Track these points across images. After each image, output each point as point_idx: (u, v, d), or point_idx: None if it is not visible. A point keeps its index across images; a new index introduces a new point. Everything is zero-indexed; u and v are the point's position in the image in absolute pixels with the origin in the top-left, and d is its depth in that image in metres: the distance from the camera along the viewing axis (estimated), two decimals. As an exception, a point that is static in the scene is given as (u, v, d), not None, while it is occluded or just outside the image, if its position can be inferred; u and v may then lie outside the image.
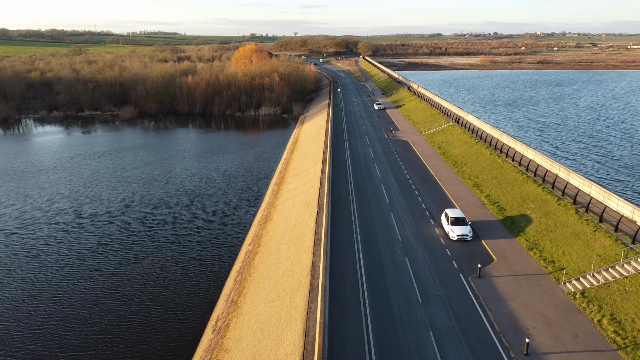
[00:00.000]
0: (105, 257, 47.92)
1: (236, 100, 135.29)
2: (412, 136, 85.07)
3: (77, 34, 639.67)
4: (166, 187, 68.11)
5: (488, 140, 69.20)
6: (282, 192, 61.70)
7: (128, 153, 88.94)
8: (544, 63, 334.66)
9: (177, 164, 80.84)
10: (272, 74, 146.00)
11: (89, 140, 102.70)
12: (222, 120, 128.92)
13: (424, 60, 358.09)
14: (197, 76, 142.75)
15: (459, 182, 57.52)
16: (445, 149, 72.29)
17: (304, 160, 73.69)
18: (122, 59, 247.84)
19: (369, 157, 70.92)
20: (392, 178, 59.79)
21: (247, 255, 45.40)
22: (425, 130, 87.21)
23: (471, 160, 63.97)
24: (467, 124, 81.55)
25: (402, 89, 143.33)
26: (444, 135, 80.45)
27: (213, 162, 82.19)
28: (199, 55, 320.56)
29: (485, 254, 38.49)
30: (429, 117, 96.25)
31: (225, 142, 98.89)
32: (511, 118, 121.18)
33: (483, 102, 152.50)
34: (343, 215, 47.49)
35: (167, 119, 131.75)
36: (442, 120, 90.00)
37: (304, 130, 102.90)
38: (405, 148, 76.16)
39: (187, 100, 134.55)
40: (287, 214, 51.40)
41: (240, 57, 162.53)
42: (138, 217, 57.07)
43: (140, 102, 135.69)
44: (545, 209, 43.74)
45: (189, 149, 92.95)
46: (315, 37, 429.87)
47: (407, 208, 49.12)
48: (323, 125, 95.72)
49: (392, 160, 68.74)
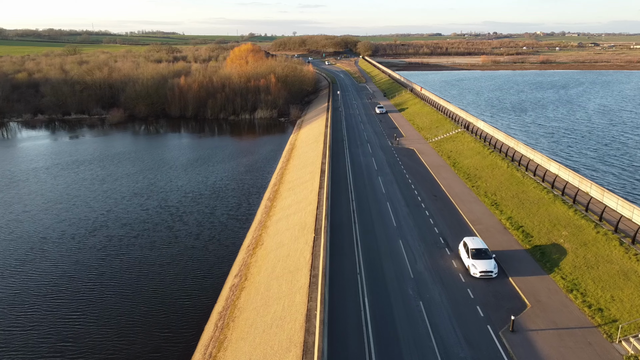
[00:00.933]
0: (67, 293, 41.40)
1: (230, 103, 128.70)
2: (417, 144, 78.63)
3: (74, 33, 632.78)
4: (147, 203, 61.45)
5: (503, 151, 62.73)
6: (275, 210, 55.22)
7: (110, 162, 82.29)
8: (547, 63, 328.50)
9: (162, 175, 74.25)
10: (269, 75, 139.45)
11: (70, 146, 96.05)
12: (216, 124, 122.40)
13: (425, 60, 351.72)
14: (190, 78, 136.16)
15: (474, 199, 51.08)
16: (456, 160, 65.83)
17: (300, 172, 67.23)
18: (115, 59, 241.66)
19: (371, 168, 64.47)
20: (398, 194, 53.34)
21: (232, 291, 38.91)
22: (432, 137, 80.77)
23: (486, 173, 57.52)
24: (477, 130, 75.11)
25: (404, 90, 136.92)
26: (453, 143, 74.00)
27: (202, 173, 75.62)
28: (196, 55, 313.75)
29: (516, 296, 32.07)
30: (435, 123, 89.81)
31: (216, 149, 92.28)
32: (520, 123, 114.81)
33: (489, 105, 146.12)
34: (344, 242, 41.06)
35: (157, 123, 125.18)
36: (449, 126, 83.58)
37: (301, 136, 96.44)
38: (411, 158, 69.72)
39: (178, 103, 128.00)
40: (279, 239, 44.93)
41: (235, 57, 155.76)
42: (111, 241, 50.40)
43: (130, 105, 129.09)
44: (581, 238, 37.31)
45: (177, 158, 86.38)
46: (314, 37, 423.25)
47: (417, 233, 42.67)
48: (321, 130, 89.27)
49: (398, 172, 62.30)
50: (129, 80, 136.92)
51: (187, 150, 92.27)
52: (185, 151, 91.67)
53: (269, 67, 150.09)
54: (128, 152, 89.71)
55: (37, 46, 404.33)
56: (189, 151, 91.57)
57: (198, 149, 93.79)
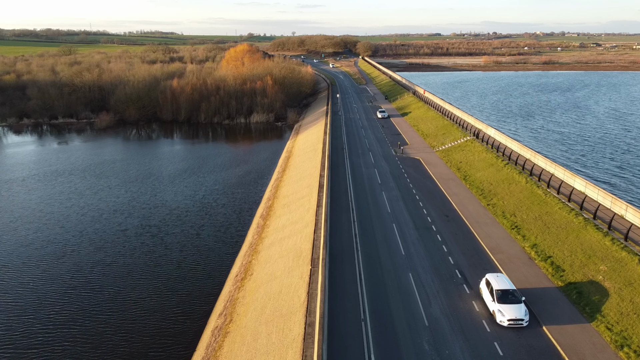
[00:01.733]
0: (18, 334, 35.76)
1: (225, 106, 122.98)
2: (423, 153, 73.03)
3: (72, 33, 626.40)
4: (126, 222, 55.62)
5: (520, 163, 57.11)
6: (268, 231, 49.60)
7: (93, 172, 76.45)
8: (550, 64, 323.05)
9: (147, 188, 68.49)
10: (265, 77, 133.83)
11: (53, 154, 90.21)
12: (210, 129, 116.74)
13: (426, 60, 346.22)
14: (183, 80, 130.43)
15: (491, 220, 45.49)
16: (467, 172, 60.23)
17: (297, 185, 61.64)
18: (110, 59, 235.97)
19: (374, 181, 58.86)
20: (405, 214, 47.75)
21: (214, 337, 33.29)
22: (439, 146, 75.17)
23: (502, 189, 51.93)
24: (488, 139, 69.49)
25: (406, 93, 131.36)
26: (462, 152, 68.40)
27: (190, 185, 69.91)
28: (193, 55, 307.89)
29: (554, 354, 26.49)
30: (442, 129, 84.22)
31: (208, 158, 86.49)
32: (528, 128, 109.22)
33: (495, 108, 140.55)
34: (345, 276, 35.50)
35: (148, 128, 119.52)
36: (457, 134, 78.00)
37: (298, 143, 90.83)
38: (417, 169, 64.13)
39: (171, 106, 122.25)
40: (271, 269, 39.33)
41: (231, 58, 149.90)
42: (80, 271, 44.42)
43: (120, 109, 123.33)
44: (624, 275, 31.77)
45: (165, 167, 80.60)
46: (313, 37, 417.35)
47: (430, 264, 37.09)
48: (320, 137, 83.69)
49: (403, 186, 56.73)
50: (120, 82, 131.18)
51: (177, 159, 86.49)
52: (174, 160, 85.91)
53: (265, 69, 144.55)
54: (113, 161, 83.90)
55: (34, 46, 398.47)
56: (178, 160, 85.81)
57: (188, 157, 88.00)
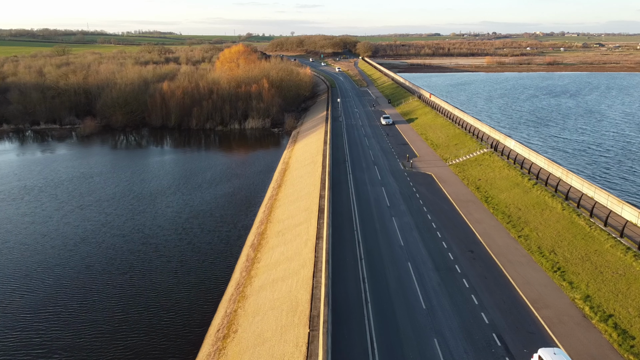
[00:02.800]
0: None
1: (218, 111, 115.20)
2: (435, 167, 65.42)
3: (69, 33, 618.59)
4: (91, 257, 46.94)
5: (551, 183, 49.46)
6: (259, 267, 41.94)
7: (65, 189, 68.26)
8: (554, 65, 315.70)
9: (124, 209, 60.58)
10: (261, 79, 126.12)
11: (25, 166, 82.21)
12: (202, 136, 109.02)
13: (427, 61, 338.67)
14: (174, 82, 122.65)
15: (525, 259, 37.86)
16: (488, 193, 52.61)
17: (293, 207, 54.01)
18: (103, 60, 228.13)
19: (383, 203, 51.25)
20: (422, 248, 40.15)
21: None
22: (452, 159, 67.53)
23: (533, 216, 44.29)
24: (509, 152, 61.76)
25: (411, 97, 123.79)
26: (479, 168, 60.79)
27: (173, 205, 62.05)
28: (189, 56, 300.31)
29: None
30: (453, 139, 76.61)
31: (196, 171, 78.59)
32: (543, 136, 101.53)
33: (505, 114, 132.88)
34: (352, 344, 27.90)
35: (136, 134, 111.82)
36: (471, 144, 70.40)
37: (296, 153, 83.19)
38: (430, 187, 56.53)
39: (160, 111, 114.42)
40: (260, 328, 31.68)
41: (225, 60, 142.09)
42: (35, 317, 36.86)
43: (106, 114, 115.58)
44: None
45: (148, 182, 72.62)
46: (312, 37, 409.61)
47: (459, 324, 29.51)
48: (320, 147, 76.13)
49: (416, 210, 49.15)
50: (107, 85, 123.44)
51: (162, 172, 78.55)
52: (159, 173, 77.99)
53: (262, 71, 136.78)
54: (91, 174, 76.01)
55: (30, 46, 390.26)
56: (163, 173, 77.89)
57: (175, 170, 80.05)
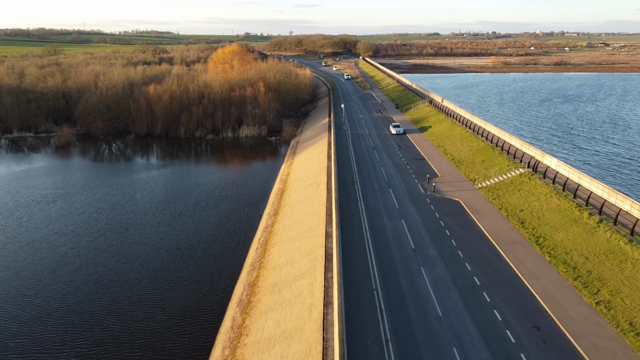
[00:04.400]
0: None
1: (209, 117, 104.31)
2: (462, 191, 54.75)
3: (65, 32, 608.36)
4: (35, 309, 36.95)
5: (621, 220, 38.68)
6: (245, 346, 31.18)
7: (17, 219, 57.16)
8: (561, 65, 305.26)
9: (82, 247, 49.46)
10: (257, 82, 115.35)
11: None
12: (191, 145, 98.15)
13: (430, 61, 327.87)
14: (161, 86, 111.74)
15: (616, 344, 27.22)
16: (537, 230, 41.88)
17: (292, 247, 43.32)
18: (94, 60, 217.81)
19: (406, 246, 40.56)
20: (469, 324, 29.45)
21: None
22: (481, 180, 56.84)
23: (610, 271, 33.57)
24: (556, 175, 50.92)
25: (421, 102, 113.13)
26: (518, 194, 50.07)
27: (147, 242, 51.06)
28: (184, 56, 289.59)
29: None
30: (478, 154, 65.90)
31: (178, 193, 67.12)
32: (574, 149, 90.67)
33: (522, 120, 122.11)
34: None
35: (118, 143, 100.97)
36: (502, 162, 59.69)
37: (295, 169, 72.44)
38: (461, 220, 45.85)
39: (145, 117, 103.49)
40: None
41: (219, 60, 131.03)
42: None
43: (86, 120, 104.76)
44: None
45: (118, 208, 61.38)
46: (312, 37, 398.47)
47: None
48: (323, 163, 65.54)
49: (450, 255, 38.51)
50: (87, 89, 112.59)
51: (138, 194, 66.83)
52: (134, 196, 66.44)
53: (258, 72, 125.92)
54: (54, 198, 64.66)
55: (24, 46, 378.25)
56: (139, 196, 66.26)
57: (153, 191, 68.31)
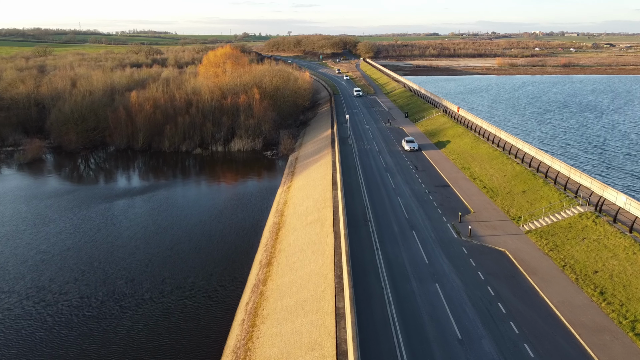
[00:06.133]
0: None
1: (197, 129, 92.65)
2: (505, 234, 43.18)
3: (61, 32, 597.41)
4: None
5: None
6: None
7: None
8: (570, 67, 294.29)
9: (9, 311, 38.45)
10: (252, 88, 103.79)
11: None
12: (176, 162, 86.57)
13: (434, 63, 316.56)
14: (144, 92, 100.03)
15: None
16: (631, 311, 30.38)
17: (289, 328, 31.76)
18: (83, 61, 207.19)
19: (449, 335, 29.05)
20: None
21: None
22: (527, 219, 45.24)
23: None
24: (632, 220, 39.40)
25: (433, 110, 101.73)
26: (585, 246, 38.47)
27: (84, 334, 39.86)
28: (178, 57, 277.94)
29: None
30: (516, 181, 54.28)
31: (150, 235, 54.64)
32: (617, 172, 79.01)
33: (546, 132, 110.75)
34: None
35: (93, 159, 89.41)
36: (549, 193, 48.16)
37: (294, 197, 60.81)
38: (515, 286, 34.30)
39: (125, 129, 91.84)
40: None
41: (210, 64, 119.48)
42: None
43: (58, 132, 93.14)
44: None
45: (70, 254, 50.33)
46: (310, 37, 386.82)
47: None
48: (326, 191, 54.14)
49: (513, 351, 27.02)
50: (61, 95, 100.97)
51: (99, 234, 54.34)
52: (95, 236, 54.27)
53: (253, 77, 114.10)
54: None
55: (18, 46, 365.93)
56: (101, 237, 54.10)
57: (120, 229, 55.74)
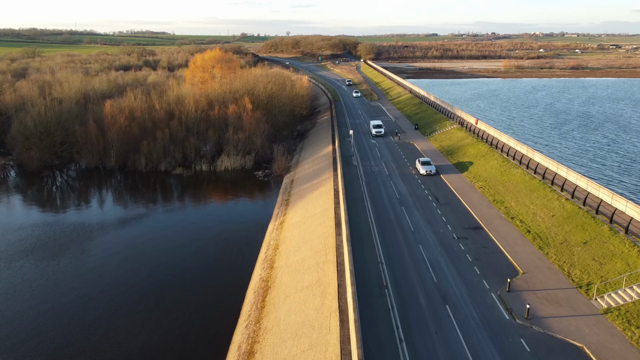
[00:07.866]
0: None
1: (179, 145, 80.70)
2: (574, 314, 31.36)
3: (57, 33, 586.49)
4: None
5: None
6: None
7: None
8: (579, 69, 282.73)
9: None
10: (243, 97, 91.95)
11: None
12: (154, 183, 74.75)
13: (437, 65, 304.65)
14: (118, 102, 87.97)
15: None
16: None
17: None
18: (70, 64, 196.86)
19: None
20: None
21: None
22: (602, 290, 33.44)
23: None
24: None
25: (447, 122, 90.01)
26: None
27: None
28: (171, 59, 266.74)
29: None
30: (571, 225, 42.35)
31: (110, 284, 43.96)
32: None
33: (567, 147, 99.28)
34: None
35: (58, 180, 77.57)
36: (621, 247, 36.35)
37: (287, 240, 48.83)
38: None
39: (95, 144, 79.90)
40: None
41: (197, 68, 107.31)
42: None
43: (19, 148, 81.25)
44: None
45: (8, 312, 38.81)
46: (309, 38, 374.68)
47: None
48: (328, 236, 42.45)
49: None
50: (26, 106, 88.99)
51: (44, 293, 44.16)
52: (46, 286, 43.69)
53: (245, 83, 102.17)
54: None
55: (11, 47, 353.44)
56: (50, 287, 43.54)
57: (64, 288, 45.43)
